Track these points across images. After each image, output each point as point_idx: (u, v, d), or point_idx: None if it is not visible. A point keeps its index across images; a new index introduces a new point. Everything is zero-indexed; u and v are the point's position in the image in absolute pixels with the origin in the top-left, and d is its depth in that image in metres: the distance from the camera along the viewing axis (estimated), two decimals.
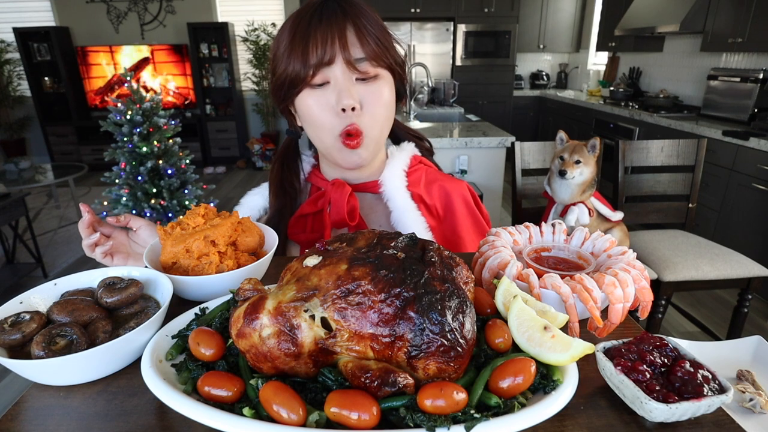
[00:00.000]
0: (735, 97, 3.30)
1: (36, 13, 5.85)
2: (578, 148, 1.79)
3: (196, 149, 6.00)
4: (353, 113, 0.72)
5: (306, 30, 0.70)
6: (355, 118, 0.73)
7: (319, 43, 0.69)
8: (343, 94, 0.71)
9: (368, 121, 0.75)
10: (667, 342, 0.47)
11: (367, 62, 0.72)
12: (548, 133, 5.62)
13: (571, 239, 0.68)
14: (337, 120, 0.73)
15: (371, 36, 0.72)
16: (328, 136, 0.75)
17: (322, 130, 0.75)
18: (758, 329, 2.47)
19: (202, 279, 0.59)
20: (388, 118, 0.79)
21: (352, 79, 0.72)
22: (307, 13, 0.72)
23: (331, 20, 0.70)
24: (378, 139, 0.79)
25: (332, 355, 0.43)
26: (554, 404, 0.39)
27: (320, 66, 0.70)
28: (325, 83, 0.73)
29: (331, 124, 0.74)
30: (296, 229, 0.85)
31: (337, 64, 0.71)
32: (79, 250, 3.57)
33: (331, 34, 0.70)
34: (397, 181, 0.85)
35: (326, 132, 0.75)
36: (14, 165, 3.93)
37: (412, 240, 0.49)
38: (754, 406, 0.68)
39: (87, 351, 0.45)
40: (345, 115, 0.72)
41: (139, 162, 2.51)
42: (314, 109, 0.74)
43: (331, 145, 0.76)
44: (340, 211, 0.81)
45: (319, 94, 0.73)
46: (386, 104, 0.76)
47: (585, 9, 5.81)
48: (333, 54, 0.70)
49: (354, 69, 0.71)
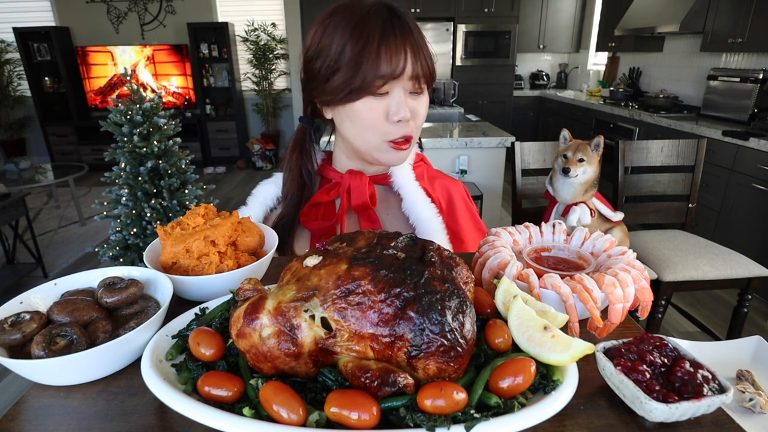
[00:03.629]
0: (735, 97, 3.30)
1: (36, 13, 5.85)
2: (582, 147, 1.78)
3: (196, 149, 6.00)
4: (405, 123, 0.79)
5: (379, 41, 0.73)
6: (406, 127, 0.79)
7: (392, 56, 0.73)
8: (402, 108, 0.77)
9: (414, 129, 0.82)
10: (667, 342, 0.47)
11: (422, 79, 0.78)
12: (548, 133, 5.62)
13: (571, 239, 0.68)
14: (392, 128, 0.79)
15: (428, 55, 0.78)
16: (376, 139, 0.80)
17: (373, 133, 0.80)
18: (758, 329, 2.47)
19: (202, 279, 0.59)
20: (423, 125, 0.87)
21: (407, 92, 0.78)
22: (370, 22, 0.74)
23: (400, 34, 0.74)
24: (415, 141, 0.86)
25: (332, 355, 0.43)
26: (554, 404, 0.39)
27: (389, 78, 0.74)
28: (385, 93, 0.77)
29: (385, 131, 0.79)
30: (309, 217, 0.90)
31: (403, 78, 0.76)
32: (79, 250, 3.57)
33: (403, 48, 0.74)
34: (406, 173, 0.92)
35: (377, 136, 0.80)
36: (14, 165, 3.93)
37: (412, 240, 0.49)
38: (754, 406, 0.68)
39: (87, 351, 0.46)
40: (399, 124, 0.78)
41: (139, 162, 2.51)
42: (371, 115, 0.78)
43: (375, 146, 0.82)
44: (362, 195, 0.87)
45: (378, 102, 0.77)
46: (425, 114, 0.84)
47: (585, 9, 5.80)
48: (403, 68, 0.74)
49: (417, 84, 0.78)
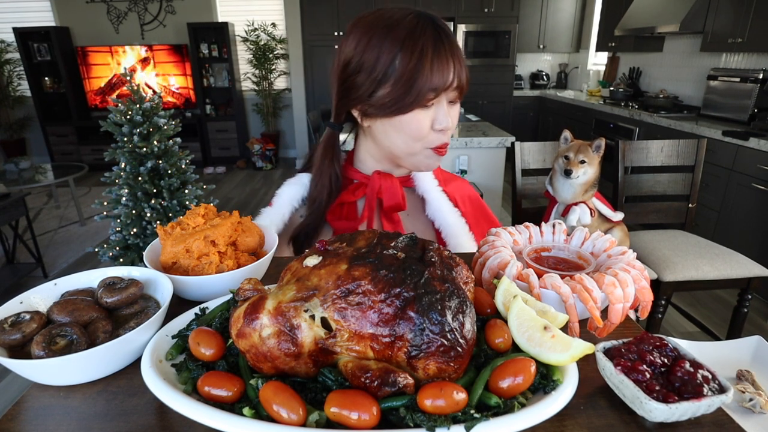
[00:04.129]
0: (735, 97, 3.30)
1: (36, 13, 5.85)
2: (583, 148, 1.78)
3: (196, 149, 5.99)
4: (446, 131, 0.81)
5: (432, 54, 0.74)
6: (447, 135, 0.82)
7: (443, 68, 0.75)
8: (446, 117, 0.79)
9: (449, 136, 0.84)
10: (667, 342, 0.47)
11: (462, 88, 0.80)
12: (548, 133, 5.62)
13: (571, 239, 0.68)
14: (435, 136, 0.81)
15: (465, 66, 0.80)
16: (420, 146, 0.82)
17: (419, 142, 0.81)
18: (758, 329, 2.47)
19: (202, 279, 0.59)
20: None
21: (448, 102, 0.81)
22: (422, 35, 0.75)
23: (449, 47, 0.76)
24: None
25: (332, 355, 0.43)
26: (554, 404, 0.39)
27: (441, 90, 0.76)
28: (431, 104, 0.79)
29: (429, 139, 0.81)
30: (333, 216, 0.92)
31: (450, 89, 0.78)
32: (79, 250, 3.56)
33: (452, 60, 0.76)
34: (428, 177, 0.95)
35: (420, 144, 0.82)
36: (14, 165, 3.93)
37: (412, 240, 0.49)
38: (754, 406, 0.68)
39: (87, 351, 0.46)
40: (441, 132, 0.81)
41: (139, 162, 2.50)
42: (417, 126, 0.79)
43: (417, 152, 0.83)
44: (395, 197, 0.89)
45: (425, 113, 0.79)
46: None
47: (585, 9, 5.80)
48: (452, 80, 0.77)
49: (460, 95, 0.81)
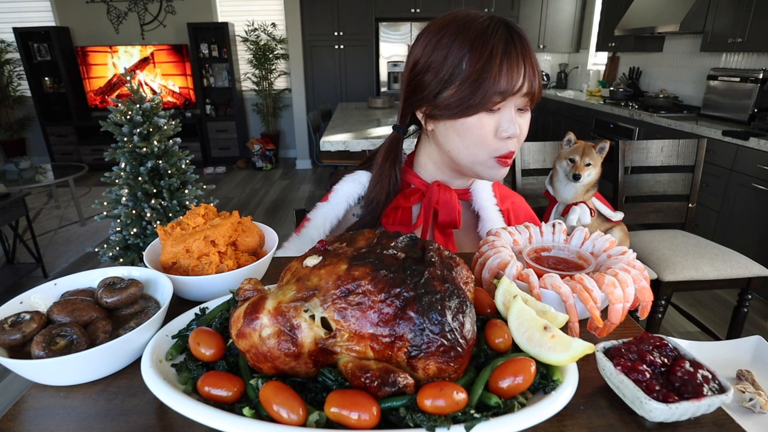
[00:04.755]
0: (735, 97, 3.30)
1: (36, 13, 5.84)
2: (588, 150, 1.78)
3: (196, 149, 5.99)
4: (512, 139, 0.77)
5: (501, 56, 0.71)
6: (513, 143, 0.78)
7: (513, 72, 0.72)
8: (512, 124, 0.75)
9: (516, 145, 0.79)
10: (667, 342, 0.47)
11: (532, 95, 0.75)
12: (548, 133, 5.62)
13: (571, 239, 0.68)
14: (500, 144, 0.77)
15: (538, 74, 0.75)
16: (484, 154, 0.78)
17: (482, 148, 0.78)
18: (758, 329, 2.47)
19: (202, 279, 0.59)
20: None
21: (516, 109, 0.76)
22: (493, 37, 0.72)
23: (522, 51, 0.72)
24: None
25: (332, 355, 0.43)
26: (554, 404, 0.39)
27: (508, 94, 0.73)
28: (497, 109, 0.75)
29: (493, 146, 0.77)
30: (387, 219, 0.89)
31: (518, 94, 0.74)
32: (79, 250, 3.57)
33: (523, 64, 0.72)
34: (487, 194, 0.91)
35: (485, 151, 0.78)
36: (14, 165, 3.93)
37: (412, 240, 0.49)
38: (754, 406, 0.68)
39: (87, 351, 0.46)
40: (507, 140, 0.77)
41: (139, 162, 2.50)
42: (481, 131, 0.76)
43: (482, 161, 0.79)
44: (451, 213, 0.86)
45: (490, 118, 0.75)
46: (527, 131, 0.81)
47: (585, 9, 5.80)
48: (521, 85, 0.73)
49: (528, 102, 0.76)
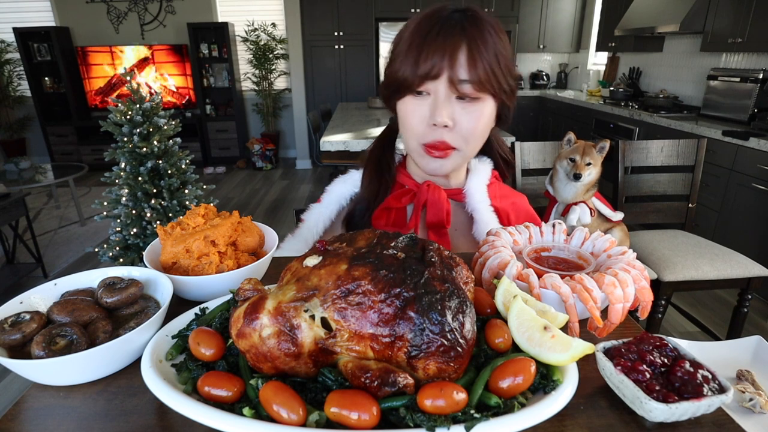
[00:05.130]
0: (735, 97, 3.30)
1: (36, 13, 5.84)
2: (588, 149, 1.78)
3: (196, 149, 5.99)
4: (444, 129, 0.75)
5: (423, 39, 0.71)
6: (446, 134, 0.75)
7: (430, 56, 0.71)
8: (438, 111, 0.73)
9: (458, 138, 0.76)
10: (667, 342, 0.47)
11: (470, 85, 0.72)
12: (548, 133, 5.62)
13: (571, 239, 0.68)
14: (427, 131, 0.76)
15: (483, 61, 0.71)
16: (414, 141, 0.79)
17: (411, 134, 0.78)
18: (758, 329, 2.47)
19: (202, 279, 0.59)
20: (480, 139, 0.80)
21: (451, 97, 0.74)
22: (431, 20, 0.73)
23: (447, 36, 0.71)
24: (466, 155, 0.81)
25: (332, 355, 0.43)
26: (554, 404, 0.39)
27: (426, 78, 0.72)
28: (426, 93, 0.75)
29: (420, 133, 0.76)
30: (380, 221, 0.88)
31: (442, 80, 0.72)
32: (79, 250, 3.56)
33: (442, 50, 0.70)
34: (481, 195, 0.89)
35: (413, 138, 0.78)
36: (14, 165, 3.93)
37: (412, 240, 0.49)
38: (754, 406, 0.68)
39: (87, 351, 0.46)
40: (435, 128, 0.75)
41: (139, 162, 2.50)
42: (409, 115, 0.76)
43: (414, 149, 0.80)
44: (439, 213, 0.85)
45: (418, 103, 0.75)
46: (481, 127, 0.77)
47: (585, 9, 5.80)
48: (440, 70, 0.71)
49: (455, 89, 0.73)
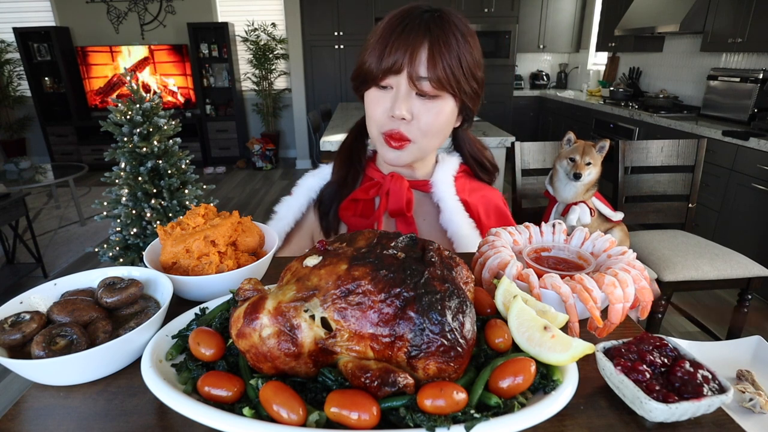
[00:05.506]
0: (735, 97, 3.30)
1: (36, 13, 5.84)
2: (588, 149, 1.78)
3: (196, 149, 5.99)
4: (403, 122, 0.79)
5: (390, 35, 0.76)
6: (404, 126, 0.80)
7: (393, 51, 0.75)
8: (398, 105, 0.77)
9: (416, 132, 0.81)
10: (667, 342, 0.47)
11: (428, 82, 0.76)
12: (548, 133, 5.62)
13: (571, 239, 0.68)
14: (387, 121, 0.80)
15: (443, 61, 0.75)
16: (375, 130, 0.84)
17: (372, 123, 0.84)
18: (758, 329, 2.47)
19: (202, 279, 0.59)
20: (439, 134, 0.84)
21: (411, 92, 0.78)
22: (401, 18, 0.78)
23: (411, 34, 0.75)
24: (422, 148, 0.84)
25: (332, 355, 0.43)
26: (554, 404, 0.39)
27: (388, 72, 0.77)
28: (389, 87, 0.79)
29: (380, 122, 0.81)
30: (348, 212, 0.92)
31: (402, 75, 0.77)
32: (79, 250, 3.56)
33: (405, 46, 0.75)
34: (447, 185, 0.92)
35: (375, 126, 0.83)
36: (14, 165, 3.93)
37: (412, 240, 0.49)
38: (754, 406, 0.68)
39: (87, 351, 0.46)
40: (394, 120, 0.79)
41: (139, 162, 2.50)
42: (373, 105, 0.82)
43: (375, 137, 0.85)
44: (399, 201, 0.88)
45: (381, 95, 0.80)
46: (439, 123, 0.81)
47: (585, 9, 5.80)
48: (401, 65, 0.76)
49: (413, 85, 0.77)
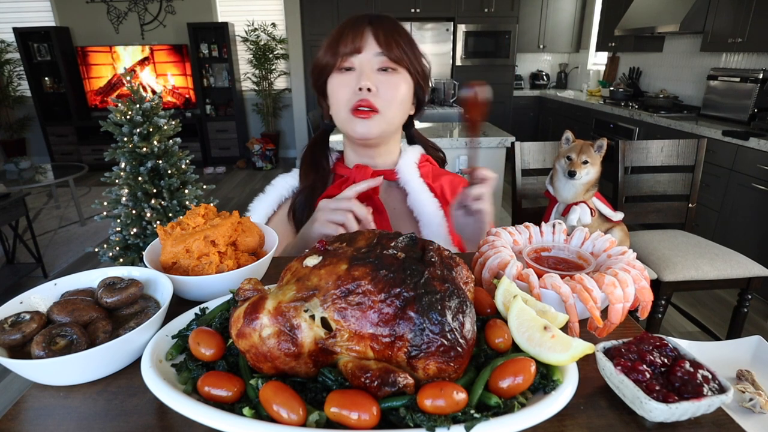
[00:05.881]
0: (735, 97, 3.30)
1: (36, 13, 5.84)
2: (585, 148, 1.78)
3: (196, 149, 5.99)
4: (369, 93, 0.85)
5: (341, 31, 0.87)
6: (371, 97, 0.86)
7: (349, 38, 0.85)
8: (363, 77, 0.85)
9: (382, 102, 0.87)
10: (667, 342, 0.47)
11: (386, 57, 0.85)
12: (548, 133, 5.62)
13: (571, 239, 0.68)
14: (354, 96, 0.86)
15: (395, 41, 0.86)
16: (343, 110, 0.88)
17: (339, 104, 0.88)
18: (758, 329, 2.47)
19: (202, 279, 0.59)
20: (400, 106, 0.90)
21: (373, 68, 0.86)
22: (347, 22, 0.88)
23: (362, 24, 0.86)
24: (390, 120, 0.89)
25: (332, 355, 0.43)
26: (554, 404, 0.39)
27: (348, 54, 0.85)
28: (351, 68, 0.86)
29: (347, 99, 0.87)
30: None
31: (362, 54, 0.85)
32: (79, 250, 3.56)
33: (360, 31, 0.85)
34: (411, 169, 0.98)
35: (342, 106, 0.88)
36: (14, 165, 3.93)
37: (412, 240, 0.49)
38: (754, 406, 0.68)
39: (87, 351, 0.46)
40: (361, 93, 0.85)
41: (139, 162, 2.50)
42: (337, 88, 0.88)
43: (344, 117, 0.89)
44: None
45: (344, 77, 0.87)
46: (401, 94, 0.88)
47: (585, 9, 5.80)
48: (359, 45, 0.85)
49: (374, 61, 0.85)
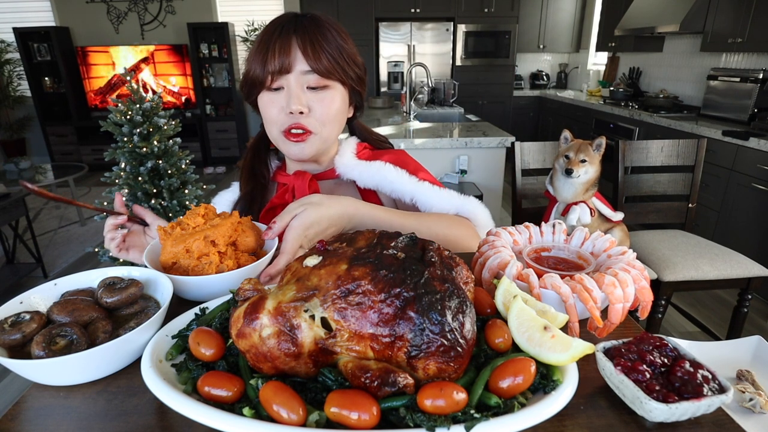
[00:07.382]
0: (735, 97, 3.30)
1: (36, 13, 5.85)
2: (583, 147, 1.78)
3: (196, 149, 5.99)
4: (301, 116, 0.84)
5: (268, 41, 0.82)
6: (302, 119, 0.85)
7: (276, 54, 0.81)
8: (293, 100, 0.82)
9: (315, 123, 0.86)
10: (667, 342, 0.47)
11: (316, 75, 0.82)
12: (548, 133, 5.62)
13: (571, 239, 0.68)
14: (286, 119, 0.85)
15: (324, 52, 0.82)
16: (275, 130, 0.87)
17: (272, 125, 0.87)
18: (758, 329, 2.47)
19: (202, 279, 0.59)
20: (335, 121, 0.89)
21: (303, 87, 0.83)
22: (275, 25, 0.84)
23: (289, 35, 0.82)
24: (326, 138, 0.89)
25: (332, 355, 0.43)
26: (554, 404, 0.39)
27: (276, 74, 0.82)
28: (280, 88, 0.84)
29: (279, 121, 0.86)
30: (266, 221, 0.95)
31: (291, 74, 0.82)
32: (79, 250, 3.57)
33: (287, 47, 0.81)
34: (350, 160, 0.98)
35: (274, 127, 0.87)
36: (14, 165, 3.93)
37: (412, 240, 0.49)
38: (754, 406, 0.68)
39: (87, 351, 0.46)
40: (293, 116, 0.84)
41: (139, 162, 2.50)
42: (268, 107, 0.86)
43: (276, 138, 0.89)
44: (303, 192, 0.93)
45: (274, 96, 0.85)
46: (334, 110, 0.87)
47: (585, 9, 5.80)
48: (287, 64, 0.81)
49: (302, 81, 0.83)
